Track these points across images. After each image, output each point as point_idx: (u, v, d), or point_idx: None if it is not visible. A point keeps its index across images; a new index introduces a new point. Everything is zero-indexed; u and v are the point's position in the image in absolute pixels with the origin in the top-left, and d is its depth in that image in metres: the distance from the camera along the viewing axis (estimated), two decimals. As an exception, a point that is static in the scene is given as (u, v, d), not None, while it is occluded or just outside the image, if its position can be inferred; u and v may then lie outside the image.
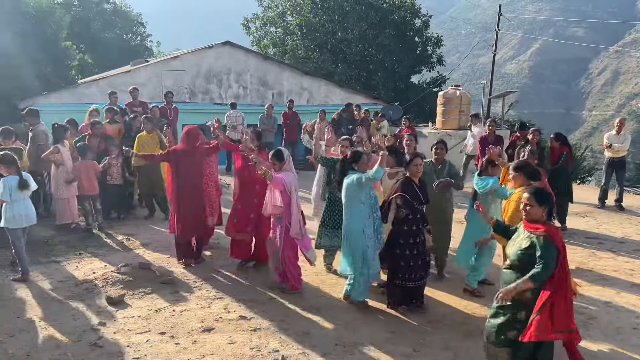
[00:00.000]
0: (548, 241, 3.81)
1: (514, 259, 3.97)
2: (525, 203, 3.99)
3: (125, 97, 12.20)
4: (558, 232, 3.97)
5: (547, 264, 3.76)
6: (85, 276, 6.22)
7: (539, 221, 3.94)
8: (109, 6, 35.26)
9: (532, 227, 3.93)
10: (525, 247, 3.89)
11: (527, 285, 3.80)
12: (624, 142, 10.37)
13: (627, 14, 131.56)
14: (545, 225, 3.92)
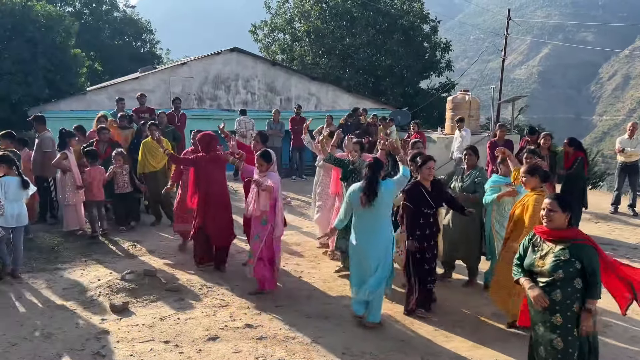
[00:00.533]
0: (593, 250, 3.66)
1: (555, 272, 3.64)
2: (548, 209, 3.74)
3: (134, 103, 12.21)
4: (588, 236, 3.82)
5: (598, 277, 3.62)
6: (90, 283, 6.16)
7: (561, 228, 3.72)
8: (119, 14, 35.54)
9: (557, 234, 3.71)
10: (566, 259, 3.62)
11: (594, 304, 3.64)
12: (636, 147, 10.22)
13: (637, 18, 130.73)
14: (572, 230, 3.78)
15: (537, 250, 3.82)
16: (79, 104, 16.46)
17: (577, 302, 3.64)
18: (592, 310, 3.64)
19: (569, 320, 3.66)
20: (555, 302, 3.69)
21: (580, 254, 3.62)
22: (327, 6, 26.93)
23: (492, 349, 4.82)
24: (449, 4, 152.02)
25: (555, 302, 3.69)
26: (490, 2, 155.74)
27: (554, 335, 3.70)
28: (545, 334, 3.76)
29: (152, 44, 37.69)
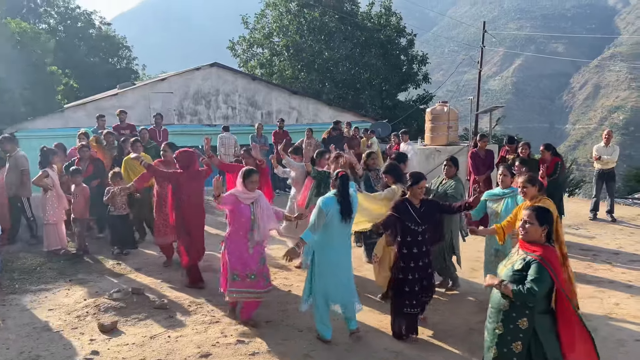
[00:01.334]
0: (542, 268, 3.46)
1: (506, 280, 3.65)
2: (525, 220, 3.66)
3: (113, 120, 12.10)
4: (555, 256, 3.61)
5: (533, 290, 3.41)
6: (76, 303, 6.05)
7: (537, 242, 3.62)
8: (94, 31, 35.33)
9: (530, 248, 3.62)
10: (518, 269, 3.57)
11: (507, 291, 3.51)
12: (612, 154, 10.46)
13: (605, 30, 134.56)
14: (544, 247, 3.58)
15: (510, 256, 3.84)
16: (56, 122, 16.26)
17: (525, 318, 3.55)
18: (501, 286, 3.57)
19: (510, 333, 3.61)
20: (501, 311, 3.66)
21: (530, 267, 3.52)
22: (305, 21, 27.17)
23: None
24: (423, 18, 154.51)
25: (500, 310, 3.66)
26: (464, 15, 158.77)
27: (491, 344, 3.71)
28: (487, 339, 3.79)
29: (128, 60, 37.55)
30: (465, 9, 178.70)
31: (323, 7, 26.98)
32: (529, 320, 3.54)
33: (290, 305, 6.07)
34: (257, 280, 5.36)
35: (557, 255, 3.65)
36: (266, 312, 5.81)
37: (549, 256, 3.52)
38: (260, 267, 5.39)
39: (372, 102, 25.92)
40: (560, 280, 3.53)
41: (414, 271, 5.08)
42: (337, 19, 26.89)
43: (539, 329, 3.54)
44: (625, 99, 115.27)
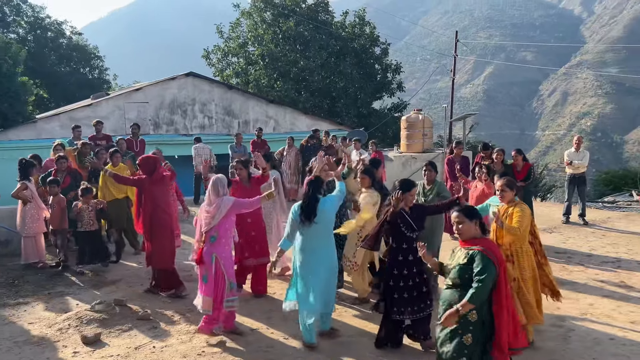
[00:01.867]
0: (485, 257, 3.72)
1: (454, 277, 3.87)
2: (457, 222, 3.92)
3: (88, 131, 11.98)
4: (495, 247, 3.92)
5: (484, 283, 3.65)
6: (57, 316, 5.98)
7: (475, 237, 3.89)
8: (65, 40, 34.81)
9: (469, 243, 3.87)
10: (464, 263, 3.81)
11: (467, 307, 3.68)
12: (583, 159, 10.76)
13: (572, 38, 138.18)
14: (482, 240, 3.88)
15: (452, 256, 4.04)
16: (28, 133, 15.99)
17: (475, 310, 3.73)
18: (459, 310, 3.70)
19: (461, 327, 3.78)
20: (453, 306, 3.80)
21: (474, 259, 3.75)
22: (280, 30, 27.30)
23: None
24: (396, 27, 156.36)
25: (452, 306, 3.80)
26: (435, 25, 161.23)
27: (446, 338, 3.86)
28: (441, 335, 3.93)
29: (100, 70, 37.06)
30: (437, 18, 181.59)
31: (298, 17, 27.16)
32: (478, 313, 3.74)
33: (274, 312, 6.10)
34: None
35: (496, 246, 3.94)
36: (251, 319, 5.83)
37: (489, 247, 3.82)
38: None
39: (347, 111, 26.13)
40: (502, 268, 3.81)
41: (407, 278, 5.01)
42: (312, 28, 27.08)
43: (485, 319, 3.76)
44: (592, 105, 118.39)
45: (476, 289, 3.65)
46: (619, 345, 5.24)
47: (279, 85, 26.47)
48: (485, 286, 3.66)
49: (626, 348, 5.17)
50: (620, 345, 5.25)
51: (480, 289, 3.65)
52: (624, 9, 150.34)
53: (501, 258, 3.86)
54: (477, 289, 3.65)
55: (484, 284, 3.65)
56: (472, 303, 3.67)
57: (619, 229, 10.45)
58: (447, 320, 3.74)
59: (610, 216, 11.88)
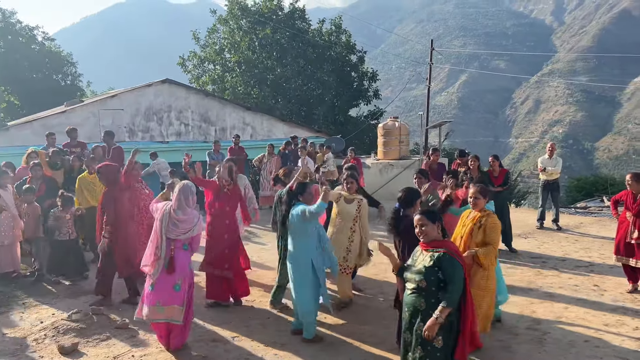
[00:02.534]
0: (453, 259, 3.79)
1: (419, 279, 3.85)
2: (420, 224, 3.95)
3: (62, 138, 11.79)
4: (457, 249, 4.02)
5: (458, 284, 3.73)
6: (33, 326, 5.86)
7: (436, 239, 3.93)
8: (37, 46, 34.21)
9: (432, 245, 3.91)
10: (430, 265, 3.81)
11: (446, 312, 3.71)
12: (556, 165, 11.00)
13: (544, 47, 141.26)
14: (445, 242, 3.94)
15: (413, 259, 4.05)
16: (0, 140, 15.63)
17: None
18: (438, 318, 3.72)
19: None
20: (419, 311, 3.85)
21: (442, 262, 3.78)
22: (256, 37, 27.30)
23: None
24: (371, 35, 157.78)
25: (419, 310, 3.85)
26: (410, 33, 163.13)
27: (416, 344, 3.87)
28: (410, 341, 3.94)
29: (74, 76, 36.48)
30: (412, 26, 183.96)
31: (274, 24, 27.20)
32: (447, 316, 3.76)
33: (253, 320, 6.09)
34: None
35: (457, 248, 4.05)
36: (231, 327, 5.80)
37: (452, 248, 3.92)
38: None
39: (324, 118, 26.24)
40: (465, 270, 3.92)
41: None
42: (288, 36, 27.15)
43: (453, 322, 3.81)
44: (564, 113, 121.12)
45: (451, 292, 3.71)
46: (592, 347, 5.35)
47: (256, 92, 26.43)
48: (459, 288, 3.75)
49: (600, 350, 5.30)
50: (594, 347, 5.37)
51: (455, 291, 3.72)
52: (592, 19, 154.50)
53: (464, 259, 3.99)
54: (452, 292, 3.72)
55: (457, 286, 3.73)
56: (450, 307, 3.71)
57: (592, 234, 10.71)
58: (430, 330, 3.74)
59: (583, 221, 12.16)
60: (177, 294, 5.06)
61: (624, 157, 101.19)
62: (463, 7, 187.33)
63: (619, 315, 6.23)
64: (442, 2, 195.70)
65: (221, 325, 5.88)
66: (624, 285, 7.20)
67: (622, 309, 6.45)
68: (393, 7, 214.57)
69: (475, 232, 5.07)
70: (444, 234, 4.03)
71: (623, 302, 6.67)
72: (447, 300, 3.71)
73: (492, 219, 5.09)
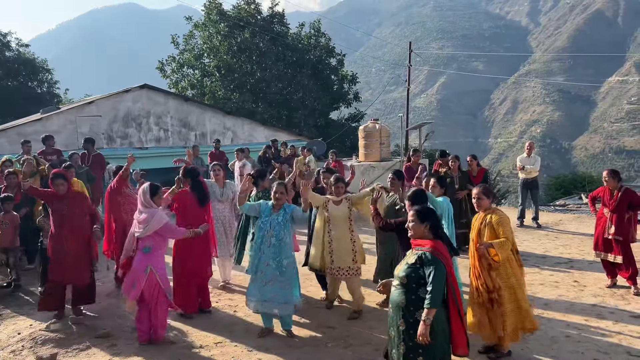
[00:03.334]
0: (435, 258, 3.78)
1: (401, 276, 3.87)
2: (410, 220, 4.02)
3: (38, 146, 11.59)
4: (444, 249, 3.93)
5: (438, 285, 3.71)
6: (9, 338, 5.72)
7: (423, 237, 3.94)
8: (12, 54, 33.69)
9: (419, 243, 3.94)
10: (412, 262, 3.84)
11: (431, 314, 3.68)
12: (534, 164, 11.13)
13: (520, 49, 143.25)
14: (432, 241, 3.91)
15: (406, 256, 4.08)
16: (-26, 149, 15.33)
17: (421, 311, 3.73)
18: (425, 320, 3.68)
19: (412, 327, 3.79)
20: (400, 307, 3.86)
21: (423, 261, 3.80)
22: (235, 42, 27.20)
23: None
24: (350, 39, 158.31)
25: (400, 307, 3.86)
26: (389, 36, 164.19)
27: (399, 340, 3.88)
28: (394, 337, 3.95)
29: (49, 83, 35.98)
30: (390, 29, 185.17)
31: (253, 28, 27.15)
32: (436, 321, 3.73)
33: (236, 325, 6.03)
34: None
35: (445, 248, 3.95)
36: (214, 333, 5.74)
37: (438, 248, 3.86)
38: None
39: (305, 121, 26.24)
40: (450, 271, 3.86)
41: None
42: (267, 40, 27.11)
43: (434, 321, 3.74)
44: (541, 113, 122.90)
45: (431, 292, 3.68)
46: (574, 342, 5.41)
47: (236, 96, 26.34)
48: (439, 287, 3.71)
49: (581, 345, 5.35)
50: (576, 342, 5.42)
51: (435, 291, 3.68)
52: (567, 20, 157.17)
53: (449, 260, 3.90)
54: (432, 292, 3.68)
55: (436, 285, 3.69)
56: (433, 307, 3.68)
57: (571, 231, 10.85)
58: (424, 336, 3.68)
59: (562, 219, 12.32)
60: (133, 291, 5.33)
61: (601, 155, 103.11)
62: (441, 10, 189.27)
63: (598, 310, 6.31)
64: (420, 5, 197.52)
65: (205, 330, 5.81)
66: (603, 281, 7.30)
67: (602, 303, 6.53)
68: (371, 10, 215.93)
69: (482, 231, 5.02)
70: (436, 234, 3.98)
71: (602, 297, 6.76)
72: (429, 301, 3.68)
73: (496, 214, 5.02)
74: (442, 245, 3.92)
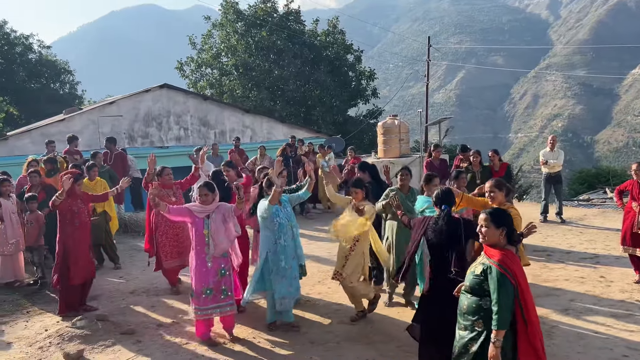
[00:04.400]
0: (500, 274, 3.42)
1: (467, 283, 3.68)
2: (481, 224, 3.64)
3: (62, 146, 11.76)
4: (515, 261, 3.54)
5: (504, 304, 3.40)
6: (37, 334, 5.82)
7: (496, 245, 3.58)
8: (34, 56, 34.22)
9: (489, 252, 3.59)
10: (477, 273, 3.57)
11: (500, 335, 3.41)
12: (558, 158, 10.95)
13: (540, 42, 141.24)
14: (503, 251, 3.54)
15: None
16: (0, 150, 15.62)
17: (481, 320, 3.55)
18: (495, 342, 3.43)
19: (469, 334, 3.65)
20: (461, 310, 3.72)
21: (487, 276, 3.50)
22: (252, 40, 27.28)
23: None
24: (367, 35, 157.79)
25: (461, 310, 3.72)
26: (407, 32, 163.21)
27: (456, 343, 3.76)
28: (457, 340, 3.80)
29: (71, 84, 36.50)
30: (408, 25, 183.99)
31: (270, 26, 27.19)
32: (485, 323, 3.53)
33: (260, 322, 6.03)
34: (215, 295, 5.38)
35: (517, 260, 3.57)
36: (237, 330, 5.75)
37: (507, 261, 3.47)
38: (217, 280, 5.38)
39: (323, 119, 26.20)
40: (522, 286, 3.50)
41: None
42: (285, 37, 27.13)
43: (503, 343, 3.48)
44: (562, 107, 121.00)
45: (497, 313, 3.40)
46: (602, 339, 5.32)
47: (254, 95, 26.42)
48: (505, 307, 3.40)
49: (609, 341, 5.26)
50: (604, 338, 5.33)
51: (501, 311, 3.39)
52: (588, 12, 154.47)
53: (520, 274, 3.50)
54: (498, 312, 3.40)
55: (502, 305, 3.40)
56: (501, 328, 3.41)
57: (596, 226, 10.66)
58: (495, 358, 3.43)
59: (587, 213, 12.11)
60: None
61: (624, 149, 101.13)
62: (458, 4, 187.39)
63: (627, 305, 6.20)
64: (438, 0, 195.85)
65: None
66: (630, 276, 7.17)
67: (630, 299, 6.41)
68: (389, 6, 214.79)
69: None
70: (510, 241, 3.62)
71: (630, 293, 6.63)
72: (495, 322, 3.42)
73: (510, 208, 4.86)
74: (513, 256, 3.55)
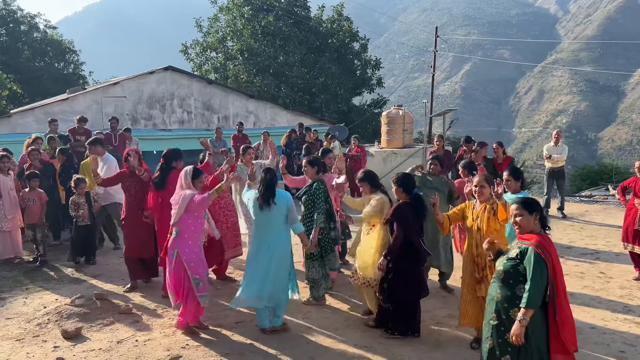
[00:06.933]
0: (537, 255, 3.45)
1: (499, 270, 3.67)
2: (515, 214, 3.66)
3: (64, 125, 11.74)
4: (552, 245, 3.61)
5: (537, 284, 3.42)
6: (36, 311, 5.84)
7: (533, 231, 3.62)
8: (39, 34, 34.07)
9: (525, 238, 3.62)
10: (513, 256, 3.59)
11: (528, 314, 3.44)
12: (561, 153, 10.91)
13: (548, 36, 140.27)
14: (539, 235, 3.59)
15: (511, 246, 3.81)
16: (3, 128, 15.59)
17: (517, 308, 3.53)
18: (521, 320, 3.47)
19: (503, 324, 3.62)
20: (494, 301, 3.69)
21: (524, 256, 3.53)
22: (259, 25, 27.11)
23: (449, 351, 4.96)
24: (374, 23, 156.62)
25: (494, 301, 3.69)
26: (414, 22, 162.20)
27: (487, 334, 3.74)
28: (484, 330, 3.82)
29: (76, 64, 36.35)
30: (415, 15, 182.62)
31: (277, 12, 27.01)
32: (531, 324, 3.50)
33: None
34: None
35: (552, 245, 3.62)
36: (235, 313, 5.77)
37: (545, 244, 3.52)
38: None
39: (327, 106, 26.10)
40: (556, 270, 3.54)
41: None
42: (291, 23, 26.95)
43: (530, 321, 3.50)
44: (567, 103, 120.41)
45: (529, 291, 3.43)
46: (599, 334, 5.32)
47: (259, 80, 26.30)
48: (538, 287, 3.43)
49: (607, 336, 5.26)
50: (601, 333, 5.33)
51: (533, 290, 3.42)
52: (598, 8, 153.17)
53: (555, 257, 3.55)
54: (530, 290, 3.42)
55: (536, 284, 3.42)
56: (531, 307, 3.43)
57: (597, 222, 10.65)
58: (518, 336, 3.47)
59: (588, 209, 12.09)
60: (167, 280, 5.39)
61: (628, 147, 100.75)
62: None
63: (625, 301, 6.20)
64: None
65: (227, 310, 5.84)
66: (630, 273, 7.16)
67: (628, 295, 6.41)
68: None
69: (492, 220, 4.69)
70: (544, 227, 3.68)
71: (630, 289, 6.63)
72: (526, 300, 3.43)
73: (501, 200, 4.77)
74: (549, 241, 3.60)
